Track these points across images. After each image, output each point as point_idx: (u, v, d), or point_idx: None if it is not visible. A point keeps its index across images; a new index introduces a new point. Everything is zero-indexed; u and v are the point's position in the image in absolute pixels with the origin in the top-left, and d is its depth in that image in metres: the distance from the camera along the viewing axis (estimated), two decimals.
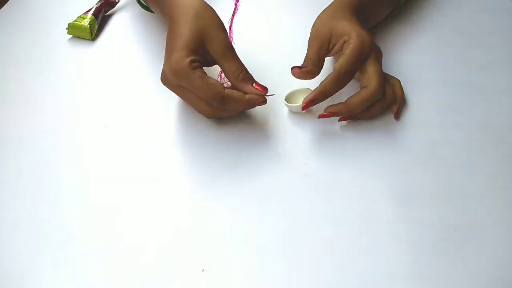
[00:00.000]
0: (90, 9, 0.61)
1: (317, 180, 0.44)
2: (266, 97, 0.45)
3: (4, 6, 0.65)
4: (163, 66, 0.44)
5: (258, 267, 0.39)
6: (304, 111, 0.47)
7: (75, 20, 0.59)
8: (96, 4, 0.62)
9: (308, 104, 0.45)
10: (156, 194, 0.43)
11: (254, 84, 0.45)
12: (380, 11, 0.57)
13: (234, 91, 0.44)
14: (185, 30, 0.44)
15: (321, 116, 0.46)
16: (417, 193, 0.44)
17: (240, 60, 0.45)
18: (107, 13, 0.64)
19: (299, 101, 0.49)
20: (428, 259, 0.39)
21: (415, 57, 0.57)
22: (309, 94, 0.45)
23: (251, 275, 0.38)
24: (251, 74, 0.45)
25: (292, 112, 0.50)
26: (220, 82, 0.43)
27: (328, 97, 0.45)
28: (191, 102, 0.45)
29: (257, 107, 0.46)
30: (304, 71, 0.46)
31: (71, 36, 0.60)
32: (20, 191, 0.44)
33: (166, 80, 0.45)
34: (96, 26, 0.60)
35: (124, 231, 0.41)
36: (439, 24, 0.62)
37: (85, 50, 0.59)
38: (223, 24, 0.46)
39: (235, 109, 0.45)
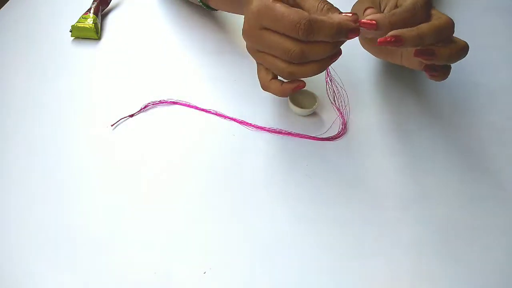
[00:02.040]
0: (89, 9, 0.62)
1: (318, 181, 0.45)
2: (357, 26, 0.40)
3: (4, 6, 0.65)
4: (244, 20, 0.43)
5: (260, 269, 0.39)
6: (309, 114, 0.49)
7: (77, 22, 0.60)
8: (93, 3, 0.64)
9: (383, 43, 0.39)
10: (157, 195, 0.44)
11: (340, 14, 0.40)
12: None
13: (322, 16, 0.39)
14: None
15: (381, 42, 0.39)
16: (419, 194, 0.44)
17: None
18: (103, 12, 0.65)
19: (303, 104, 0.51)
20: (431, 261, 0.39)
21: None
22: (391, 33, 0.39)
23: (253, 276, 0.38)
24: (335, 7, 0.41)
25: (295, 113, 0.51)
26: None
27: (401, 22, 0.40)
28: (272, 53, 0.42)
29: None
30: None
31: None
32: (22, 192, 0.44)
33: (249, 29, 0.42)
34: (99, 25, 0.62)
35: (125, 232, 0.41)
36: None
37: (92, 50, 0.59)
38: None
39: (325, 38, 0.39)
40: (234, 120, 0.50)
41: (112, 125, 0.50)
